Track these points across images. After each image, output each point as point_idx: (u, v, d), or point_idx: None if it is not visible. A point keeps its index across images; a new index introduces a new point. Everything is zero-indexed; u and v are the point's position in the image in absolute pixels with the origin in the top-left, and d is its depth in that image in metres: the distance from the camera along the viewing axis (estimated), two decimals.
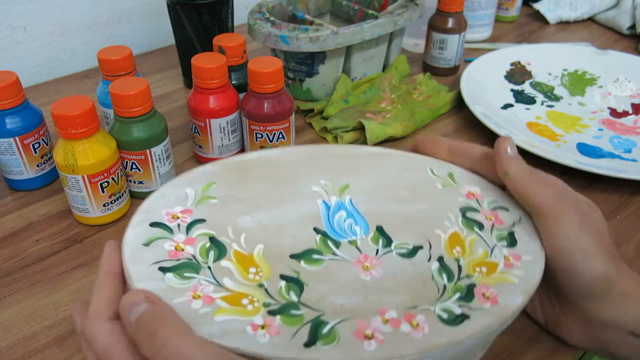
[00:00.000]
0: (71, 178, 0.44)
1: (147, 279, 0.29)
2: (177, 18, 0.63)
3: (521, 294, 0.30)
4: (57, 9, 0.72)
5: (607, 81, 0.69)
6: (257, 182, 0.36)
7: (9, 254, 0.45)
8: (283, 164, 0.37)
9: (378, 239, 0.33)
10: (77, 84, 0.71)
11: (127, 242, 0.30)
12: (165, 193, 0.34)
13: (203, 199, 0.34)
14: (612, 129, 0.61)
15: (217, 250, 0.31)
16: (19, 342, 0.37)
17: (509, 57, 0.72)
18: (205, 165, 0.36)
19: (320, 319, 0.28)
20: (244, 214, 0.34)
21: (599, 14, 0.89)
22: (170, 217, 0.33)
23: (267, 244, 0.32)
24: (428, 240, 0.33)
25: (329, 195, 0.36)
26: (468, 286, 0.30)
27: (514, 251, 0.33)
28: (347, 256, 0.32)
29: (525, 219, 0.35)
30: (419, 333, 0.27)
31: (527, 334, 0.38)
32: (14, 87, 0.47)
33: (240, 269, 0.30)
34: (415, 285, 0.30)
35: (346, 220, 0.34)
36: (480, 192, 0.37)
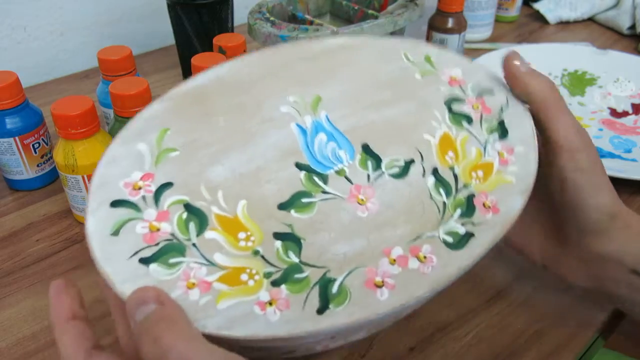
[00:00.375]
0: (71, 178, 0.44)
1: (129, 278, 0.25)
2: (177, 18, 0.63)
3: (520, 195, 0.30)
4: (57, 9, 0.72)
5: (607, 81, 0.69)
6: (217, 117, 0.30)
7: (9, 254, 0.45)
8: (240, 84, 0.32)
9: (366, 162, 0.30)
10: (77, 84, 0.71)
11: (92, 235, 0.26)
12: (115, 155, 0.28)
13: (162, 155, 0.29)
14: (612, 129, 0.61)
15: (197, 219, 0.27)
16: (19, 342, 0.37)
17: None
18: (152, 104, 0.30)
19: (326, 276, 0.26)
20: (214, 164, 0.29)
21: (599, 14, 0.89)
22: (131, 188, 0.27)
23: (249, 198, 0.28)
24: (418, 151, 0.31)
25: (301, 115, 0.31)
26: (467, 198, 0.30)
27: (507, 144, 0.32)
28: (338, 192, 0.29)
29: (512, 100, 0.34)
30: (427, 267, 0.27)
31: (527, 334, 0.38)
32: (14, 87, 0.47)
33: (228, 238, 0.27)
34: (414, 210, 0.29)
35: (328, 144, 0.30)
36: (461, 75, 0.34)
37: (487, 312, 0.40)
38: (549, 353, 0.37)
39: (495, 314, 0.40)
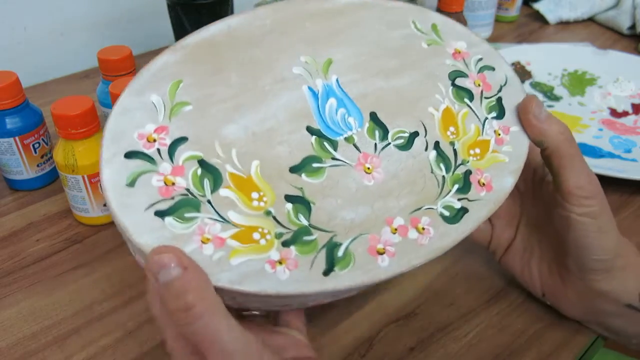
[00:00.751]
0: (71, 178, 0.44)
1: (146, 230, 0.26)
2: (177, 18, 0.63)
3: (511, 175, 0.32)
4: (57, 9, 0.72)
5: (607, 81, 0.69)
6: (230, 72, 0.31)
7: (9, 254, 0.45)
8: (251, 37, 0.32)
9: (374, 131, 0.31)
10: (77, 84, 0.71)
11: (108, 186, 0.26)
12: (127, 106, 0.28)
13: (176, 108, 0.29)
14: (612, 129, 0.61)
15: (212, 177, 0.28)
16: (19, 342, 0.37)
17: (509, 57, 0.72)
18: (163, 54, 0.30)
19: (333, 240, 0.28)
20: (228, 122, 0.29)
21: (599, 14, 0.89)
22: (145, 140, 0.28)
23: (262, 159, 0.29)
24: (423, 124, 0.32)
25: (313, 78, 0.32)
26: (464, 174, 0.32)
27: (503, 123, 0.34)
28: (347, 159, 0.30)
29: (512, 78, 0.35)
30: (425, 238, 0.29)
31: (527, 334, 0.38)
32: (14, 87, 0.47)
33: (242, 197, 0.28)
34: (416, 182, 0.31)
35: (338, 111, 0.31)
36: (466, 47, 0.36)
37: (487, 312, 0.40)
38: (549, 353, 0.37)
39: (495, 314, 0.40)
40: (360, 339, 0.38)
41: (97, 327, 0.38)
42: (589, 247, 0.33)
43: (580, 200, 0.33)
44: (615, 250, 0.34)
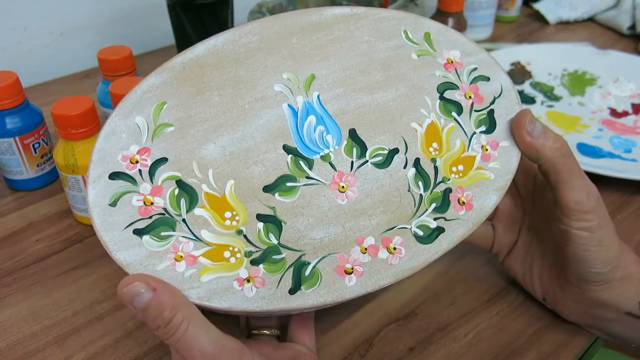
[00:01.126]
0: (71, 178, 0.44)
1: (124, 247, 0.28)
2: (177, 18, 0.63)
3: (495, 193, 0.31)
4: (57, 9, 0.72)
5: (607, 81, 0.69)
6: (212, 92, 0.31)
7: (9, 254, 0.45)
8: (236, 56, 0.32)
9: (352, 148, 0.31)
10: (77, 84, 0.71)
11: (92, 204, 0.28)
12: (114, 128, 0.30)
13: (158, 129, 0.30)
14: (612, 129, 0.61)
15: (188, 196, 0.29)
16: (19, 342, 0.37)
17: (509, 57, 0.72)
18: (150, 76, 0.31)
19: (301, 259, 0.29)
20: (206, 142, 0.30)
21: (599, 14, 0.89)
22: (129, 162, 0.29)
23: (237, 178, 0.30)
24: (404, 140, 0.32)
25: (294, 95, 0.31)
26: (444, 192, 0.31)
27: (492, 138, 0.33)
28: (321, 178, 0.30)
29: (507, 90, 0.34)
30: (395, 258, 0.29)
31: (527, 334, 0.38)
32: (14, 87, 0.47)
33: (215, 216, 0.29)
34: (391, 201, 0.30)
35: (317, 128, 0.31)
36: (460, 57, 0.34)
37: (487, 312, 0.40)
38: (549, 353, 0.37)
39: (495, 314, 0.40)
40: (360, 339, 0.38)
41: (97, 327, 0.38)
42: (587, 260, 0.33)
43: (579, 215, 0.32)
44: (614, 262, 0.33)
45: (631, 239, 0.46)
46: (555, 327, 0.38)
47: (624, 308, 0.34)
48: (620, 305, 0.34)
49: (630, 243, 0.46)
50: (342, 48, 0.33)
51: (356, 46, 0.33)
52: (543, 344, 0.37)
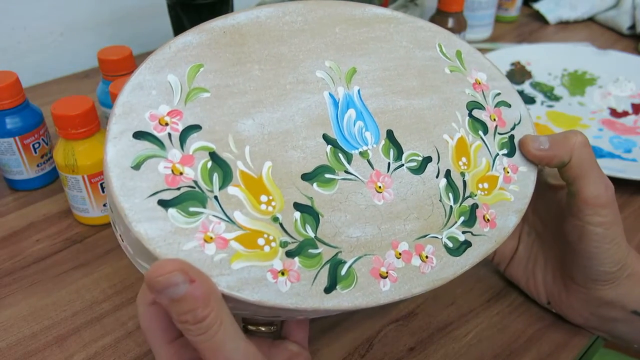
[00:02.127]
0: (71, 178, 0.44)
1: (146, 218, 0.24)
2: (177, 18, 0.63)
3: (515, 214, 0.32)
4: (57, 9, 0.72)
5: (607, 81, 0.69)
6: (253, 64, 0.29)
7: (9, 254, 0.45)
8: (281, 32, 0.31)
9: (389, 150, 0.31)
10: (77, 84, 0.71)
11: (111, 164, 0.25)
12: (142, 82, 0.27)
13: (192, 93, 0.27)
14: (612, 129, 0.61)
15: (222, 172, 0.26)
16: (19, 342, 0.37)
17: (509, 57, 0.72)
18: (186, 34, 0.28)
19: (337, 257, 0.27)
20: (245, 116, 0.28)
21: (599, 14, 0.89)
22: (157, 122, 0.26)
23: (275, 161, 0.28)
24: (436, 149, 0.32)
25: (335, 85, 0.31)
26: (471, 207, 0.32)
27: (512, 162, 0.34)
28: (359, 175, 0.30)
29: (525, 118, 0.35)
30: (427, 267, 0.29)
31: (527, 334, 0.38)
32: (14, 87, 0.47)
33: (250, 199, 0.27)
34: (424, 208, 0.30)
35: (356, 123, 0.31)
36: (486, 80, 0.36)
37: (487, 312, 0.40)
38: (549, 353, 0.37)
39: (495, 314, 0.40)
40: (360, 339, 0.38)
41: (97, 327, 0.38)
42: (599, 258, 0.33)
43: (597, 210, 0.32)
44: (623, 260, 0.34)
45: (631, 239, 0.46)
46: (555, 327, 0.38)
47: (630, 306, 0.34)
48: (626, 304, 0.34)
49: (630, 243, 0.46)
50: (382, 47, 0.33)
51: (395, 49, 0.33)
52: (543, 344, 0.37)
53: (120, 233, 0.26)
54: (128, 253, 0.27)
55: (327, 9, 0.32)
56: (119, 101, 0.26)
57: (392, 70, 0.33)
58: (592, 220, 0.33)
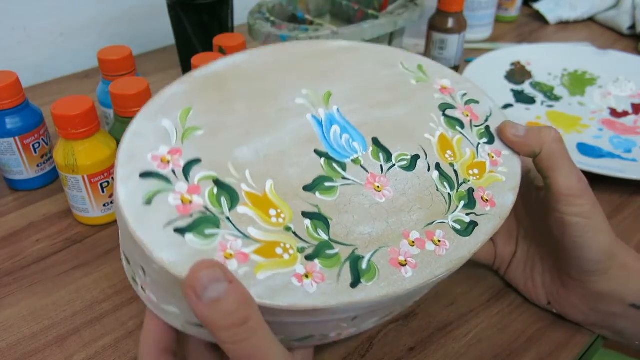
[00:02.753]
0: (71, 178, 0.44)
1: (166, 246, 0.25)
2: (177, 18, 0.63)
3: (511, 192, 0.34)
4: (57, 9, 0.72)
5: (607, 81, 0.69)
6: (238, 102, 0.32)
7: (9, 254, 0.45)
8: (256, 72, 0.34)
9: (378, 153, 0.33)
10: (77, 84, 0.71)
11: (124, 203, 0.26)
12: (139, 130, 0.29)
13: (187, 132, 0.30)
14: (612, 129, 0.61)
15: (228, 195, 0.28)
16: (19, 342, 0.37)
17: (509, 57, 0.72)
18: (172, 85, 0.31)
19: (355, 254, 0.28)
20: (239, 145, 0.30)
21: (599, 14, 0.89)
22: (160, 161, 0.28)
23: (275, 178, 0.30)
24: (422, 148, 0.34)
25: (315, 107, 0.33)
26: (468, 191, 0.33)
27: (494, 148, 0.36)
28: (357, 179, 0.31)
29: (495, 110, 0.38)
30: (442, 249, 0.30)
31: (527, 334, 0.38)
32: (14, 87, 0.47)
33: (260, 214, 0.28)
34: (424, 199, 0.32)
35: (342, 136, 0.33)
36: (450, 84, 0.38)
37: (487, 312, 0.40)
38: (549, 353, 0.37)
39: (495, 314, 0.40)
40: (360, 339, 0.38)
41: (97, 327, 0.38)
42: (584, 247, 0.34)
43: (571, 200, 0.33)
44: (610, 250, 0.34)
45: (631, 239, 0.46)
46: (555, 327, 0.38)
47: (628, 299, 0.35)
48: (624, 296, 0.35)
49: (630, 243, 0.46)
50: (350, 72, 0.36)
51: (362, 72, 0.36)
52: (543, 344, 0.37)
53: (142, 271, 0.27)
54: (152, 304, 0.28)
55: (293, 49, 0.36)
56: (121, 148, 0.28)
57: (364, 88, 0.35)
58: (569, 211, 0.33)
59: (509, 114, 0.62)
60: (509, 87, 0.68)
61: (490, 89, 0.66)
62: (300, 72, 0.35)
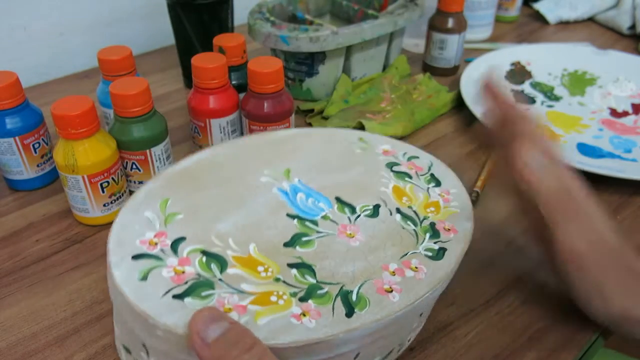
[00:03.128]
0: (71, 178, 0.44)
1: (167, 311, 0.27)
2: (177, 18, 0.63)
3: (467, 220, 0.37)
4: (57, 9, 0.72)
5: (607, 81, 0.69)
6: (209, 188, 0.36)
7: (9, 254, 0.45)
8: (221, 163, 0.38)
9: (344, 208, 0.36)
10: (77, 84, 0.71)
11: (121, 283, 0.28)
12: (125, 222, 0.32)
13: (169, 218, 0.33)
14: (612, 129, 0.61)
15: (217, 261, 0.31)
16: (19, 342, 0.37)
17: (509, 57, 0.72)
18: (144, 185, 0.35)
19: (344, 289, 0.31)
20: (218, 221, 0.33)
21: (599, 14, 0.89)
22: (148, 244, 0.31)
23: (257, 241, 0.33)
24: (381, 198, 0.38)
25: (279, 181, 0.38)
26: (430, 225, 0.36)
27: (443, 189, 0.40)
28: (329, 230, 0.35)
29: (435, 161, 0.42)
30: (421, 274, 0.32)
31: (527, 334, 0.38)
32: (14, 87, 0.47)
33: (249, 272, 0.30)
34: (394, 237, 0.35)
35: (308, 199, 0.37)
36: (391, 147, 0.43)
37: (487, 312, 0.40)
38: (549, 353, 0.37)
39: (495, 314, 0.40)
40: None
41: (97, 327, 0.38)
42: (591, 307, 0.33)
43: (575, 262, 0.32)
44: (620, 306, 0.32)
45: (631, 239, 0.46)
46: (555, 327, 0.38)
47: None
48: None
49: None
50: (304, 152, 0.41)
51: (314, 150, 0.41)
52: (543, 344, 0.37)
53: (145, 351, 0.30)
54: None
55: (250, 140, 0.41)
56: (110, 239, 0.31)
57: (318, 162, 0.40)
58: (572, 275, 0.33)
59: None
60: (509, 87, 0.68)
61: None
62: (260, 157, 0.39)
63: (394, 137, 0.58)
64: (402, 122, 0.59)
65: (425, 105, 0.63)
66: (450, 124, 0.62)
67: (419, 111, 0.61)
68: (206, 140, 0.52)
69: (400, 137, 0.59)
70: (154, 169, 0.48)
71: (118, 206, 0.47)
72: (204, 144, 0.53)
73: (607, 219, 0.34)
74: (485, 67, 0.69)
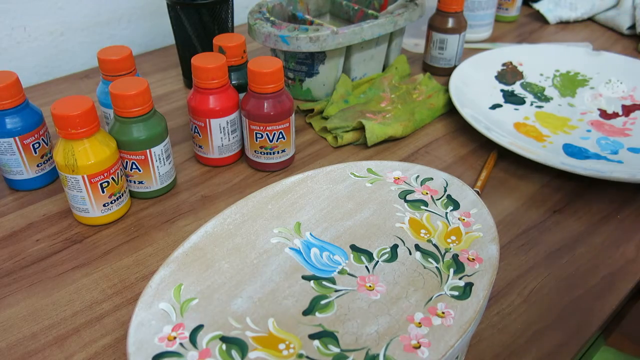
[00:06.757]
0: (71, 178, 0.44)
1: None
2: (177, 18, 0.63)
3: (492, 243, 0.36)
4: (57, 9, 0.72)
5: (598, 82, 0.68)
6: (220, 262, 0.35)
7: (9, 254, 0.45)
8: (228, 232, 0.37)
9: (360, 257, 0.35)
10: (77, 84, 0.71)
11: None
12: (141, 320, 0.32)
13: (184, 305, 0.33)
14: (600, 130, 0.60)
15: (237, 346, 0.30)
16: (19, 342, 0.37)
17: (501, 58, 0.72)
18: (157, 273, 0.35)
19: (370, 354, 0.30)
20: (233, 298, 0.33)
21: (599, 14, 0.89)
22: (167, 340, 0.31)
23: (275, 315, 0.32)
24: (397, 236, 0.37)
25: (290, 240, 0.37)
26: (453, 258, 0.35)
27: (462, 211, 0.38)
28: (348, 286, 0.33)
29: (451, 179, 0.41)
30: (449, 319, 0.31)
31: (527, 334, 0.38)
32: (14, 87, 0.47)
33: (271, 352, 0.30)
34: (416, 281, 0.34)
35: (323, 254, 0.35)
36: (402, 173, 0.42)
37: (487, 312, 0.40)
38: (549, 353, 0.37)
39: (495, 314, 0.40)
40: None
41: (97, 327, 0.38)
42: None
43: None
44: None
45: (631, 239, 0.46)
46: (555, 327, 0.39)
47: None
48: None
49: (630, 243, 0.46)
50: (310, 199, 0.40)
51: (320, 194, 0.40)
52: (543, 344, 0.37)
53: None
54: None
55: (253, 199, 0.40)
56: (129, 342, 0.30)
57: (326, 208, 0.39)
58: None
59: (498, 115, 0.62)
60: (499, 87, 0.68)
61: (480, 90, 0.66)
62: (266, 215, 0.38)
63: (394, 137, 0.58)
64: (402, 122, 0.59)
65: (425, 105, 0.63)
66: (450, 123, 0.62)
67: (419, 111, 0.62)
68: (206, 140, 0.52)
69: (400, 137, 0.59)
70: (153, 169, 0.48)
71: (118, 206, 0.47)
72: (204, 144, 0.53)
73: None
74: (476, 67, 0.69)
